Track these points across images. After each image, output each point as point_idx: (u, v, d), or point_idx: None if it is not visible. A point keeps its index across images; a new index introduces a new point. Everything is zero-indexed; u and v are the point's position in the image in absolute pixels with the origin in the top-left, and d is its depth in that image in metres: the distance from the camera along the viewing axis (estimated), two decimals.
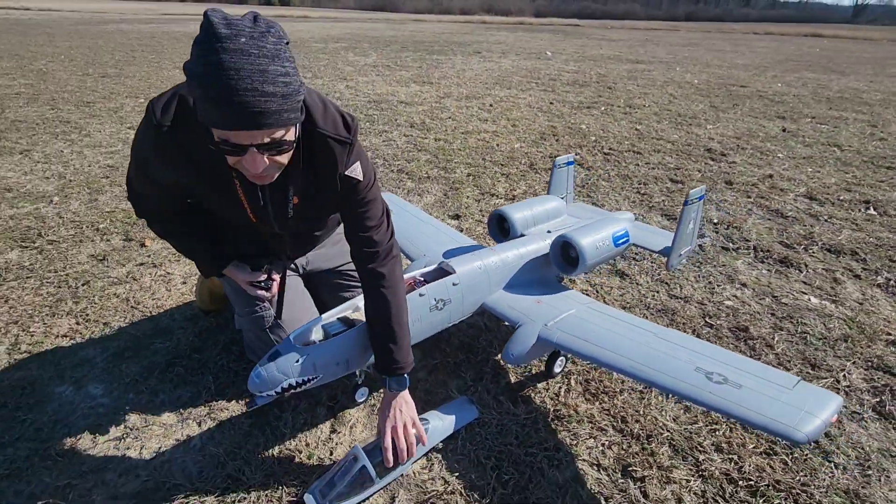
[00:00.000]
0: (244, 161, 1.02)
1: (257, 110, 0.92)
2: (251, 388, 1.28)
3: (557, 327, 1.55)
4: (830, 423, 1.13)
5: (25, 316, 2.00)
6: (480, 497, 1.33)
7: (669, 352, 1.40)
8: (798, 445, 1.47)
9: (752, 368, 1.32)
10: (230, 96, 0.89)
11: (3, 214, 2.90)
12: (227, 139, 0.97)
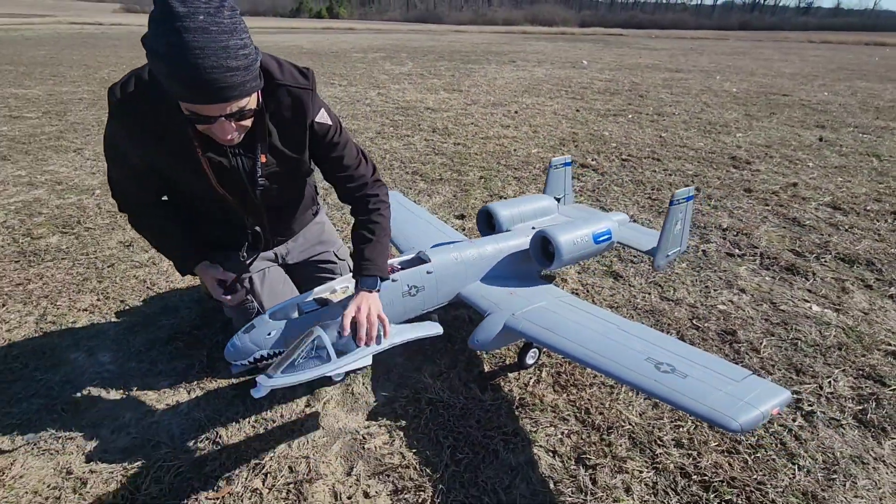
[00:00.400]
0: (213, 129, 1.14)
1: (224, 85, 1.03)
2: (227, 356, 1.41)
3: (524, 317, 1.59)
4: (771, 416, 1.13)
5: (55, 291, 2.22)
6: (433, 472, 1.39)
7: (625, 342, 1.42)
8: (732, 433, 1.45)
9: (704, 361, 1.33)
10: (198, 75, 0.99)
11: (52, 204, 3.21)
12: (197, 112, 1.09)
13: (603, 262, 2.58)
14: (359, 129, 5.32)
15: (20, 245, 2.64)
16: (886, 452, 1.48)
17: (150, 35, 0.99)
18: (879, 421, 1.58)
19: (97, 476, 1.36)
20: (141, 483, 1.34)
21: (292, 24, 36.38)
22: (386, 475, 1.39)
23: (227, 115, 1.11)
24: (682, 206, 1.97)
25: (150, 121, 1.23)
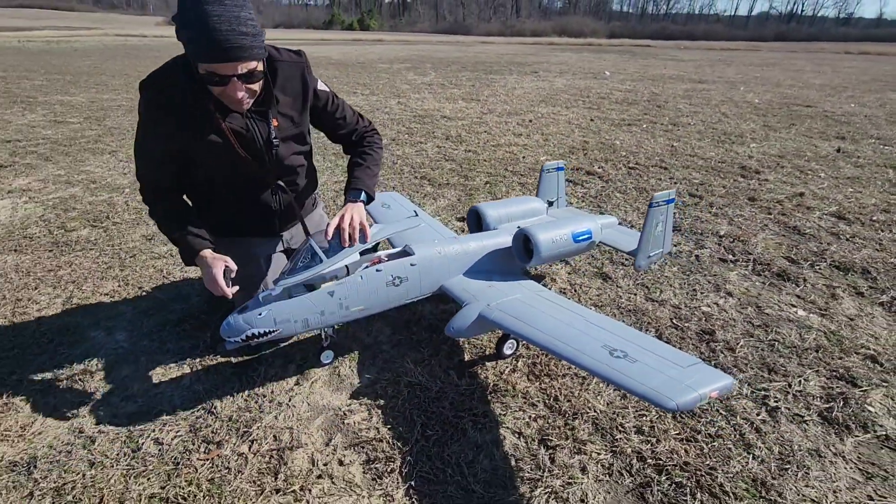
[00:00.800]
0: (227, 90, 1.40)
1: (236, 45, 1.31)
2: (222, 333, 1.56)
3: (497, 307, 1.70)
4: (709, 398, 1.21)
5: (81, 277, 2.44)
6: (403, 446, 1.50)
7: (586, 331, 1.51)
8: (669, 412, 1.53)
9: (658, 349, 1.41)
10: (216, 37, 1.27)
11: (85, 200, 3.47)
12: (214, 71, 1.35)
13: (593, 263, 2.66)
14: None
15: (54, 236, 2.89)
16: (847, 449, 1.51)
17: (179, 10, 1.29)
18: (844, 419, 1.62)
19: (104, 436, 1.52)
20: (143, 443, 1.50)
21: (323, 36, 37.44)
22: (360, 447, 1.51)
23: (239, 75, 1.37)
24: (662, 208, 2.05)
25: (175, 95, 1.47)
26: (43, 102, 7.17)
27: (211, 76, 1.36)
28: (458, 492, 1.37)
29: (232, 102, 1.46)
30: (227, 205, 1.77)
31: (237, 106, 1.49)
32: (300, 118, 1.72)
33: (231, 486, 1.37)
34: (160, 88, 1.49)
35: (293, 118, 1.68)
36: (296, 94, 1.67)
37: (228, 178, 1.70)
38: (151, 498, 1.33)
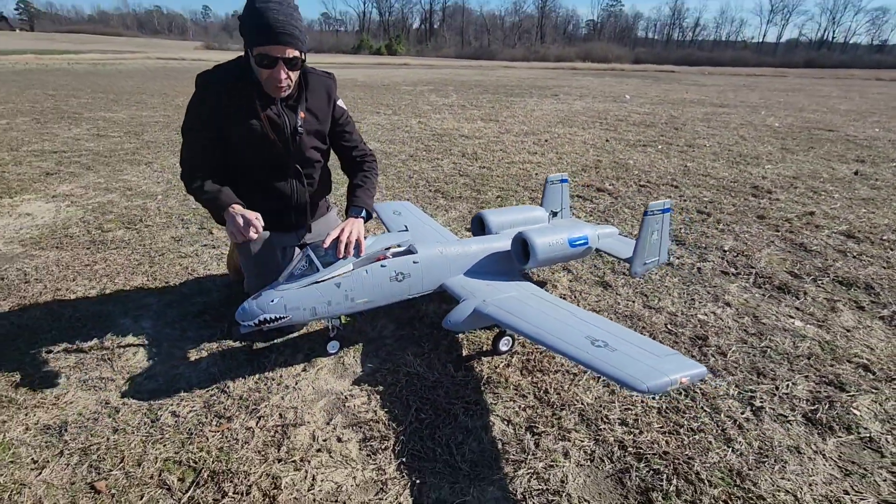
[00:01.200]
0: (273, 73, 1.68)
1: (288, 33, 1.62)
2: (237, 317, 1.70)
3: (492, 303, 1.81)
4: (679, 383, 1.29)
5: (114, 272, 2.64)
6: (397, 426, 1.61)
7: (573, 325, 1.61)
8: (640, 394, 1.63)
9: (638, 341, 1.49)
10: (274, 23, 1.59)
11: (121, 205, 3.73)
12: (268, 52, 1.63)
13: (595, 272, 2.74)
14: (393, 152, 5.74)
15: (92, 236, 3.13)
16: (828, 448, 1.55)
17: (246, 6, 1.64)
18: (828, 420, 1.65)
19: (128, 407, 1.67)
20: (161, 414, 1.64)
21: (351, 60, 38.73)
22: (358, 426, 1.62)
23: (285, 59, 1.66)
24: (658, 217, 2.14)
25: (223, 89, 1.76)
26: (88, 118, 7.66)
27: (263, 58, 1.65)
28: (445, 469, 1.46)
29: (273, 85, 1.73)
30: (252, 192, 1.93)
31: (276, 91, 1.76)
32: (323, 119, 1.99)
33: (238, 454, 1.49)
34: (214, 79, 1.79)
35: (318, 116, 1.96)
36: (322, 100, 1.97)
37: (256, 162, 1.91)
38: (166, 461, 1.46)
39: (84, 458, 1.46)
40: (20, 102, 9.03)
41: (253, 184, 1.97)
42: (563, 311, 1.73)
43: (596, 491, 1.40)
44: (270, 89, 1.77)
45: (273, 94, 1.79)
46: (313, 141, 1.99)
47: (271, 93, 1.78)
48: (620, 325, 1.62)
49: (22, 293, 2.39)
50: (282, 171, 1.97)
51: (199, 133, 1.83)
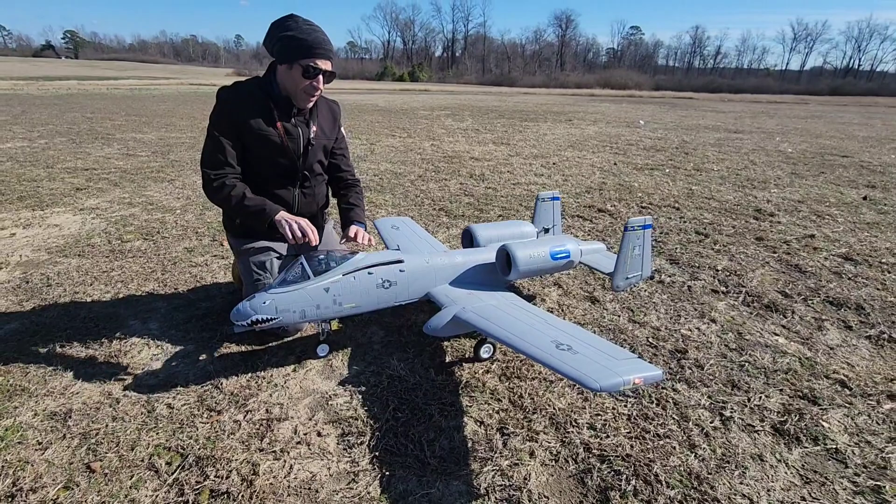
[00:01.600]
0: (314, 82, 1.95)
1: (332, 50, 1.95)
2: (231, 317, 1.83)
3: (471, 310, 1.90)
4: (633, 383, 1.35)
5: (129, 278, 2.82)
6: (374, 422, 1.70)
7: (542, 329, 1.69)
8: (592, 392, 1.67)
9: (602, 346, 1.56)
10: (321, 42, 1.90)
11: (142, 218, 3.97)
12: (316, 65, 1.90)
13: (585, 287, 2.80)
14: (403, 172, 5.93)
15: (112, 245, 3.34)
16: (793, 457, 1.58)
17: (278, 28, 1.88)
18: (796, 431, 1.68)
19: (127, 398, 1.80)
20: (157, 406, 1.76)
21: (374, 86, 39.87)
22: (338, 423, 1.71)
23: (325, 71, 1.94)
24: (639, 233, 2.22)
25: (241, 104, 1.99)
26: (119, 139, 8.11)
27: (310, 69, 1.91)
28: (415, 463, 1.54)
29: (308, 94, 1.99)
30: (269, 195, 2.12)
31: (306, 100, 2.02)
32: (329, 136, 2.25)
33: (223, 442, 1.60)
34: (234, 92, 2.01)
35: (326, 133, 2.23)
36: (329, 120, 2.25)
37: (268, 169, 2.09)
38: (157, 447, 1.57)
39: (83, 442, 1.58)
40: (59, 124, 9.60)
41: (259, 192, 2.10)
42: (537, 318, 1.82)
43: (557, 489, 1.46)
44: (301, 99, 2.01)
45: (301, 103, 2.03)
46: (320, 154, 2.23)
47: (300, 102, 2.03)
48: (590, 333, 1.70)
49: (43, 295, 2.58)
50: (290, 179, 2.16)
51: (221, 136, 1.99)
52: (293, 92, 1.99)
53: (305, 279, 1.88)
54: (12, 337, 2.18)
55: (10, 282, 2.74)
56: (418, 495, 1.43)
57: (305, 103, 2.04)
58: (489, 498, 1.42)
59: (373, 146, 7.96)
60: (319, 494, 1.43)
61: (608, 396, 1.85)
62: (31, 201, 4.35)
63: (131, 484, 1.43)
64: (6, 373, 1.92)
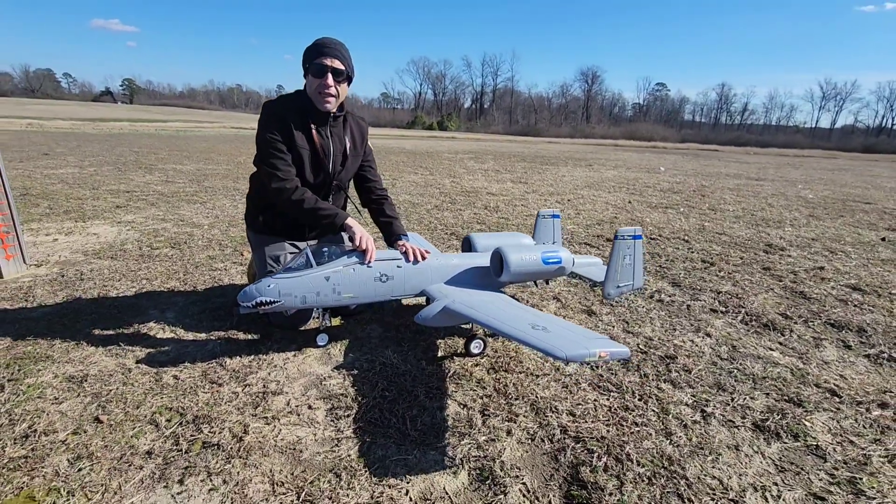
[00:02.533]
0: (324, 80, 2.10)
1: (337, 49, 2.12)
2: (238, 299, 1.99)
3: (460, 301, 2.00)
4: (599, 356, 1.42)
5: (153, 277, 3.03)
6: (361, 399, 1.78)
7: (522, 316, 1.78)
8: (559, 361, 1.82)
9: (577, 330, 1.64)
10: (326, 44, 2.11)
11: (172, 231, 4.25)
12: (320, 62, 2.08)
13: (584, 301, 2.87)
14: (421, 203, 6.16)
15: (143, 251, 3.59)
16: (771, 450, 1.59)
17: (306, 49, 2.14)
18: (777, 428, 1.69)
19: (138, 369, 1.94)
20: (164, 377, 1.90)
21: (404, 133, 41.50)
22: (328, 399, 1.81)
23: (332, 68, 2.10)
24: (629, 242, 2.31)
25: (284, 114, 2.17)
26: (160, 168, 8.69)
27: (316, 66, 2.09)
28: (396, 434, 1.61)
29: (322, 93, 2.14)
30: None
31: (323, 100, 2.16)
32: (359, 150, 2.45)
33: (220, 407, 1.71)
34: (278, 104, 2.21)
35: (356, 147, 2.42)
36: (359, 135, 2.44)
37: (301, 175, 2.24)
38: (160, 407, 1.70)
39: (94, 399, 1.72)
40: (108, 156, 10.36)
41: None
42: (521, 309, 1.91)
43: (530, 463, 1.50)
44: (319, 100, 2.16)
45: (320, 104, 2.17)
46: (351, 165, 2.41)
47: (319, 103, 2.17)
48: (570, 322, 1.78)
49: (75, 287, 2.80)
50: (318, 187, 2.31)
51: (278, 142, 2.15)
52: (313, 96, 2.17)
53: (308, 267, 2.03)
54: (44, 318, 2.38)
55: (48, 275, 2.98)
56: (395, 460, 1.49)
57: (323, 104, 2.17)
58: (463, 467, 1.48)
59: (395, 181, 8.30)
60: (303, 454, 1.51)
61: (591, 389, 1.89)
62: (75, 215, 4.72)
63: (133, 434, 1.55)
64: (35, 344, 2.10)
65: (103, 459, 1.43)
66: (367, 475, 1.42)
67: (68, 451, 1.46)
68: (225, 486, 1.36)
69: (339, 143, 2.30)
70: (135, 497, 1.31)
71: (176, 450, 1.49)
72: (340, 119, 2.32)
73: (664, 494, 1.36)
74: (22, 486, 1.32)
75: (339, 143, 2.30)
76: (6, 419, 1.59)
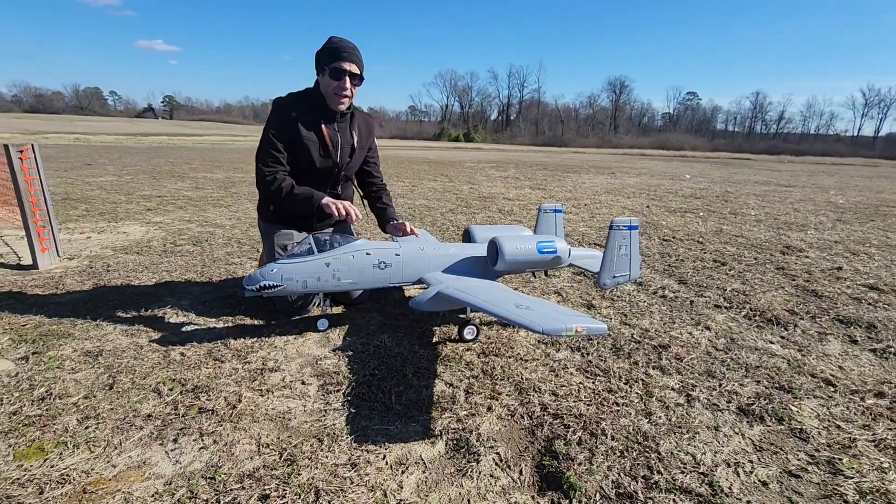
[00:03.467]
0: (341, 83, 2.28)
1: (356, 55, 2.31)
2: (244, 283, 2.11)
3: (452, 286, 2.07)
4: (575, 331, 1.46)
5: (174, 269, 3.21)
6: (352, 376, 1.87)
7: (509, 297, 1.83)
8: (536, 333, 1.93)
9: (559, 309, 1.69)
10: (347, 49, 2.28)
11: (195, 230, 4.47)
12: (340, 66, 2.25)
13: (585, 296, 2.88)
14: (437, 207, 6.26)
15: (166, 248, 3.80)
16: (752, 432, 1.58)
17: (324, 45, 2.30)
18: (761, 411, 1.68)
19: (149, 347, 2.08)
20: (172, 354, 2.02)
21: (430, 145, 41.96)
22: (321, 376, 1.89)
23: (350, 73, 2.28)
24: (624, 233, 2.34)
25: (296, 104, 2.36)
26: (192, 177, 9.10)
27: (336, 70, 2.26)
28: (381, 408, 1.68)
29: (338, 94, 2.31)
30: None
31: (338, 101, 2.34)
32: (366, 144, 2.62)
33: (220, 380, 1.82)
34: (289, 99, 2.39)
35: (363, 140, 2.58)
36: (366, 130, 2.61)
37: (310, 167, 2.41)
38: (164, 378, 1.82)
39: (106, 371, 1.85)
40: (145, 166, 10.90)
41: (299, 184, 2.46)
42: (509, 293, 1.96)
43: (507, 436, 1.55)
44: (334, 100, 2.34)
45: (334, 104, 2.35)
46: (357, 157, 2.57)
47: (334, 104, 2.35)
48: (556, 304, 1.82)
49: (101, 276, 3.00)
50: (327, 179, 2.48)
51: (275, 137, 2.33)
52: (328, 95, 2.34)
53: (310, 254, 2.14)
54: (70, 303, 2.56)
55: (78, 267, 3.20)
56: (377, 429, 1.56)
57: (338, 105, 2.35)
58: (441, 437, 1.53)
59: (414, 187, 8.44)
60: (291, 422, 1.59)
61: (578, 373, 1.92)
62: (109, 216, 5.01)
63: (137, 399, 1.67)
64: (59, 324, 2.27)
65: (108, 420, 1.55)
66: (348, 441, 1.49)
67: (78, 413, 1.58)
68: (215, 446, 1.45)
69: (348, 137, 2.47)
70: (132, 452, 1.42)
71: (174, 414, 1.60)
72: (348, 115, 2.48)
73: (634, 466, 1.38)
74: (34, 439, 1.45)
75: (348, 136, 2.47)
76: (27, 384, 1.73)
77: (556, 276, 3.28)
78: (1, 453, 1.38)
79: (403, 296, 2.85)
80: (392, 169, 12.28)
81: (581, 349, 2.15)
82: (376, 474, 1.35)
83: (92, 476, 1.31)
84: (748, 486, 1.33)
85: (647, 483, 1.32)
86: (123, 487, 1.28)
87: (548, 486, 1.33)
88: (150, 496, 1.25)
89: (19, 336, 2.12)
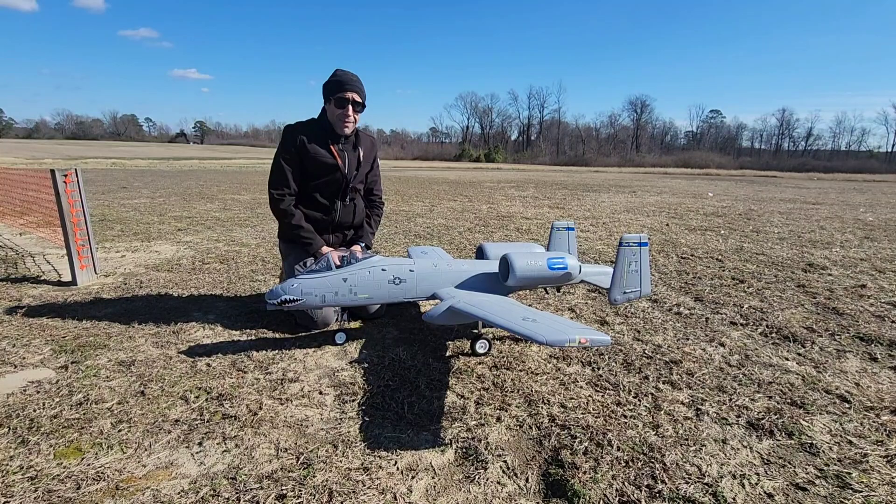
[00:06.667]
0: (345, 111, 2.53)
1: (357, 85, 2.57)
2: (266, 297, 2.22)
3: (464, 301, 2.14)
4: (579, 342, 1.51)
5: (201, 285, 3.37)
6: (367, 386, 1.94)
7: (517, 311, 1.89)
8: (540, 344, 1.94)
9: (566, 321, 1.73)
10: (349, 80, 2.54)
11: (223, 249, 4.66)
12: (343, 96, 2.50)
13: (598, 312, 2.91)
14: (455, 226, 6.36)
15: (195, 265, 3.98)
16: (761, 446, 1.59)
17: (330, 77, 2.55)
18: (771, 426, 1.68)
19: (178, 358, 2.20)
20: (199, 364, 2.14)
21: (451, 165, 42.45)
22: (338, 387, 1.97)
23: (353, 101, 2.52)
24: (634, 248, 2.37)
25: (302, 134, 2.56)
26: (220, 198, 9.45)
27: (340, 100, 2.50)
28: (394, 417, 1.75)
29: (343, 121, 2.55)
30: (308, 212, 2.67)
31: (343, 126, 2.57)
32: (369, 161, 2.85)
33: (242, 389, 1.92)
34: (298, 126, 2.61)
35: (367, 155, 2.82)
36: (369, 150, 2.84)
37: (321, 185, 2.64)
38: (192, 387, 1.92)
39: (138, 379, 1.97)
40: (177, 189, 11.37)
41: (311, 203, 2.67)
42: (518, 307, 2.01)
43: (515, 446, 1.59)
44: (339, 126, 2.57)
45: (340, 130, 2.59)
46: (363, 170, 2.77)
47: (339, 129, 2.59)
48: (564, 318, 1.87)
49: (134, 291, 3.17)
50: (337, 193, 2.69)
51: (285, 163, 2.57)
52: (334, 121, 2.55)
53: (328, 269, 2.25)
54: (106, 317, 2.72)
55: (113, 283, 3.39)
56: (389, 437, 1.63)
57: (342, 129, 2.58)
58: (451, 445, 1.58)
59: (433, 207, 8.58)
60: (308, 430, 1.67)
61: (588, 387, 1.95)
62: (142, 236, 5.27)
63: (166, 406, 1.78)
64: (95, 336, 2.42)
65: (139, 424, 1.66)
66: (361, 447, 1.56)
67: (112, 417, 1.69)
68: (236, 449, 1.54)
69: (354, 155, 2.71)
70: (161, 453, 1.51)
71: (200, 419, 1.69)
72: (352, 137, 2.70)
73: (638, 476, 1.41)
74: (72, 440, 1.56)
75: (354, 155, 2.71)
76: (67, 391, 1.86)
77: (570, 293, 3.31)
78: (43, 452, 1.49)
79: (419, 311, 2.92)
80: (412, 189, 12.49)
81: (592, 363, 2.18)
82: (387, 479, 1.42)
83: (124, 474, 1.41)
84: (753, 498, 1.34)
85: (651, 492, 1.35)
86: (152, 485, 1.37)
87: (553, 494, 1.37)
88: (177, 493, 1.34)
89: (60, 347, 2.27)
